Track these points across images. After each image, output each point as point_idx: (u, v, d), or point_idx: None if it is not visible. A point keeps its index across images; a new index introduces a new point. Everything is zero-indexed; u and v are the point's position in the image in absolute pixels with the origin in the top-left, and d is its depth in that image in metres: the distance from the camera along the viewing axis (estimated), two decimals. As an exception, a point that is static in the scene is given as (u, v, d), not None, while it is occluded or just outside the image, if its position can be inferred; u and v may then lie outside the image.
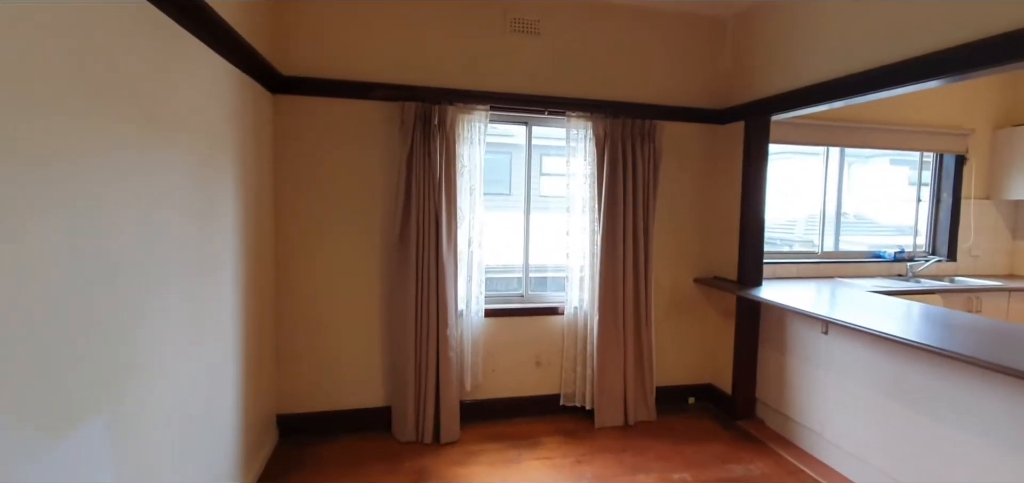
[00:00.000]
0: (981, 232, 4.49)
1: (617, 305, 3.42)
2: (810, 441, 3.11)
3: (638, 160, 3.42)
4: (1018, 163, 4.27)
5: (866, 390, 2.73)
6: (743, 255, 3.52)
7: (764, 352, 3.51)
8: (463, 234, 3.26)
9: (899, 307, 2.98)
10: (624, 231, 3.42)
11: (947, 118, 4.32)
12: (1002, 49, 2.04)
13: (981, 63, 2.15)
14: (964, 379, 2.28)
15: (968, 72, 2.24)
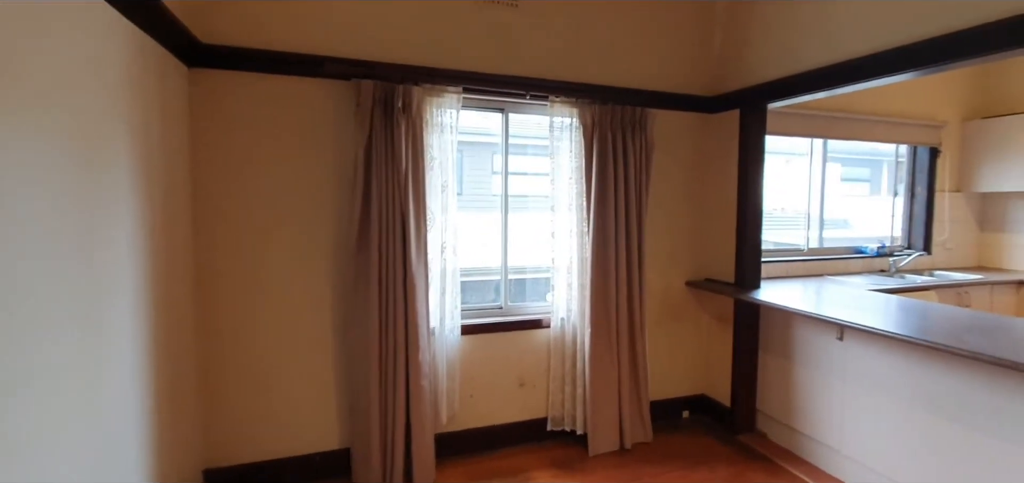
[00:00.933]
0: (954, 225, 4.47)
1: (609, 314, 3.03)
2: (825, 457, 2.84)
3: (629, 152, 3.05)
4: (986, 156, 4.26)
5: (892, 401, 2.48)
6: (741, 255, 3.23)
7: (765, 360, 3.23)
8: (434, 239, 2.76)
9: (914, 307, 2.77)
10: (616, 231, 3.03)
11: (920, 110, 4.25)
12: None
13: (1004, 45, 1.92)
14: (1009, 385, 2.04)
15: (987, 55, 2.01)
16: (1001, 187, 4.20)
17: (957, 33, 2.11)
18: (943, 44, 2.16)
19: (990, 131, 4.22)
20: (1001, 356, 1.89)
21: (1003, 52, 2.03)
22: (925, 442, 2.34)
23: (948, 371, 2.25)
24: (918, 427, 2.37)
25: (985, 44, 2.04)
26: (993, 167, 4.23)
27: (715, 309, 3.47)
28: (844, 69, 2.58)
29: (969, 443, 2.18)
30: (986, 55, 2.10)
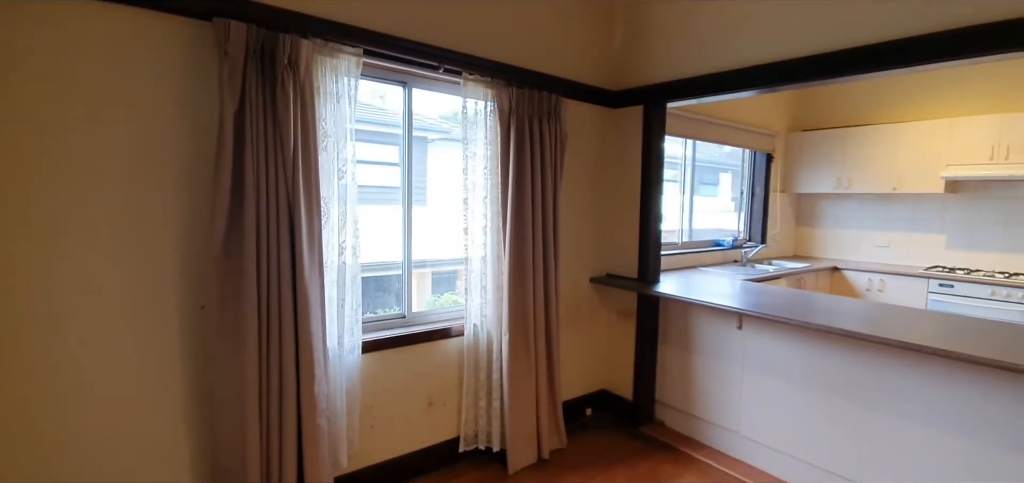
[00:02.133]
0: (781, 221, 5.23)
1: (527, 317, 2.79)
2: (725, 440, 3.00)
3: (546, 142, 2.83)
4: (803, 162, 5.06)
5: (786, 382, 2.69)
6: (644, 250, 3.26)
7: (665, 351, 3.32)
8: (330, 237, 2.19)
9: (798, 296, 3.06)
10: (533, 227, 2.79)
11: (760, 120, 4.85)
12: (946, 45, 2.06)
13: (913, 60, 2.17)
14: (888, 363, 2.32)
15: (891, 69, 2.25)
16: (813, 189, 5.03)
17: (838, 52, 2.34)
18: (827, 60, 2.37)
19: (806, 142, 5.02)
20: (886, 336, 2.11)
21: (886, 70, 2.28)
22: (816, 417, 2.57)
23: (835, 352, 2.49)
24: (809, 404, 2.60)
25: (855, 65, 2.30)
26: (807, 172, 5.04)
27: (617, 304, 3.47)
28: (745, 75, 2.70)
29: (854, 414, 2.44)
30: (859, 73, 2.36)
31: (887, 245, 4.78)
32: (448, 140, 2.96)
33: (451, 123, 3.16)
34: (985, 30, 1.96)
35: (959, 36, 2.02)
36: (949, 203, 4.38)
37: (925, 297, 4.07)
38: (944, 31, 2.06)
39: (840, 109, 4.97)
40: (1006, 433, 2.02)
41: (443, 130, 2.75)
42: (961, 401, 2.12)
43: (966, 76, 4.22)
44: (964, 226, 4.33)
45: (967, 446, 2.11)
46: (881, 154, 4.50)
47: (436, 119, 2.78)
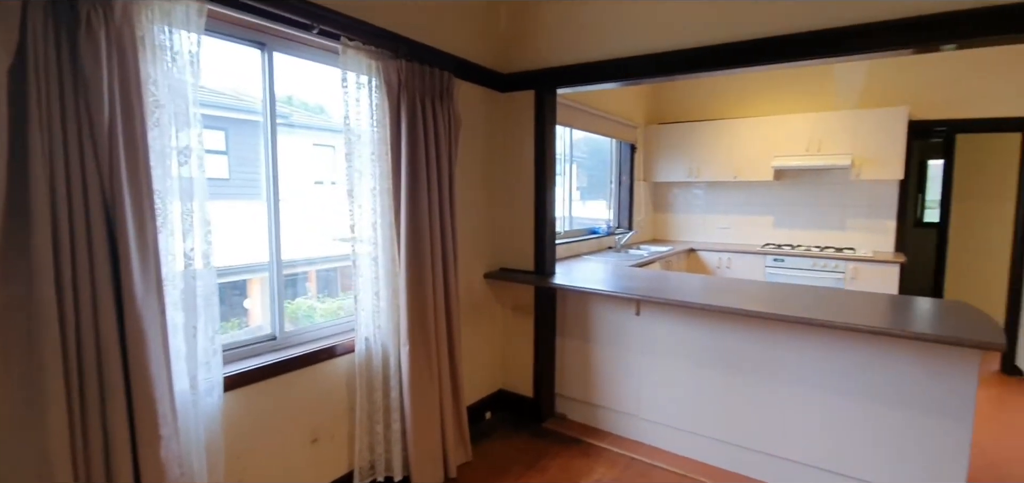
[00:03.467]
0: (643, 207, 5.60)
1: (428, 323, 2.47)
2: (626, 424, 3.03)
3: (440, 125, 2.52)
4: (660, 153, 5.46)
5: (682, 362, 2.79)
6: (540, 242, 3.15)
7: (564, 343, 3.25)
8: (171, 245, 1.63)
9: (685, 279, 3.21)
10: (431, 221, 2.48)
11: (626, 112, 5.11)
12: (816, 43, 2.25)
13: (796, 55, 2.33)
14: (771, 336, 2.52)
15: (781, 62, 2.41)
16: (668, 178, 5.46)
17: (712, 46, 2.47)
18: (724, 52, 2.47)
19: (662, 134, 5.42)
20: (775, 312, 2.28)
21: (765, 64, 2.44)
22: (710, 392, 2.71)
23: (725, 330, 2.64)
24: (704, 380, 2.73)
25: (722, 60, 2.45)
26: (663, 162, 5.46)
27: (513, 300, 3.31)
28: (631, 63, 2.70)
29: (744, 386, 2.61)
30: (725, 68, 2.51)
31: (729, 227, 5.40)
32: (291, 126, 2.49)
33: (300, 109, 2.67)
34: (827, 35, 2.17)
35: (807, 38, 2.23)
36: (775, 189, 5.09)
37: (763, 270, 4.67)
38: (791, 34, 2.25)
39: (690, 105, 5.46)
40: (865, 385, 2.29)
41: (283, 115, 2.29)
42: (829, 361, 2.37)
43: (789, 79, 4.92)
44: (787, 208, 5.07)
45: (839, 401, 2.36)
46: (724, 146, 5.05)
47: (282, 98, 2.29)
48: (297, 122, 2.62)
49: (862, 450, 2.32)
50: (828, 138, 4.52)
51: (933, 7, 1.99)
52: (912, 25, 2.04)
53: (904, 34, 2.06)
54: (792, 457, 2.50)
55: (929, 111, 4.33)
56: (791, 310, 2.32)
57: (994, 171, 4.74)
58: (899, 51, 2.17)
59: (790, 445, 2.50)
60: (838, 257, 4.34)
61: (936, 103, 4.32)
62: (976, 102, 4.19)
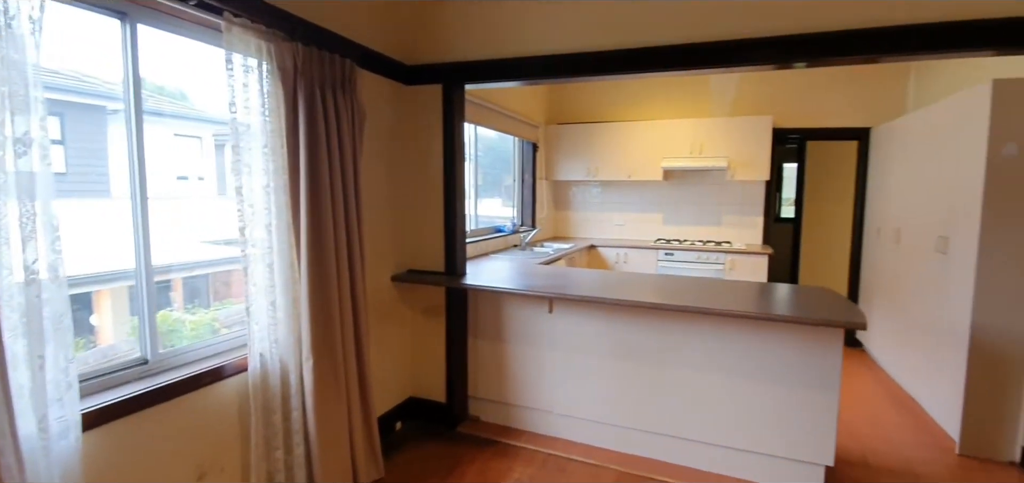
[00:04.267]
0: (545, 205, 5.72)
1: (334, 333, 2.26)
2: (541, 422, 3.05)
3: (342, 116, 2.33)
4: (560, 153, 5.63)
5: (593, 356, 2.87)
6: (450, 241, 3.06)
7: (476, 345, 3.19)
8: (5, 255, 1.30)
9: (597, 276, 3.30)
10: (335, 221, 2.28)
11: (528, 111, 5.18)
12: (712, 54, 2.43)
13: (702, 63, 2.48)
14: (672, 325, 2.68)
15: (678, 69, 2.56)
16: (568, 177, 5.64)
17: (620, 51, 2.57)
18: (610, 57, 2.58)
19: (562, 134, 5.59)
20: (680, 304, 2.44)
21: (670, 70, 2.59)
22: (619, 382, 2.82)
23: (632, 322, 2.76)
24: (613, 372, 2.83)
25: (626, 64, 2.56)
26: (564, 161, 5.62)
27: (422, 302, 3.17)
28: (540, 62, 2.72)
29: (650, 374, 2.75)
30: (629, 73, 2.62)
31: (623, 224, 5.71)
32: (159, 115, 2.17)
33: (153, 94, 2.35)
34: (719, 46, 2.37)
35: (688, 49, 2.42)
36: (664, 188, 5.48)
37: (656, 264, 5.00)
38: (691, 43, 2.42)
39: (587, 107, 5.69)
40: (752, 365, 2.53)
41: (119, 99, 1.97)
42: (721, 346, 2.58)
43: (675, 87, 5.32)
44: (674, 206, 5.48)
45: (731, 381, 2.58)
46: (619, 147, 5.32)
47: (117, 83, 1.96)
48: (166, 111, 2.27)
49: (751, 424, 2.55)
50: (708, 142, 4.96)
51: (787, 28, 2.26)
52: (771, 44, 2.29)
53: (764, 51, 2.32)
54: (692, 437, 2.68)
55: (786, 120, 4.93)
56: (692, 301, 2.48)
57: (838, 174, 5.54)
58: (761, 66, 2.42)
59: (690, 426, 2.68)
60: (718, 250, 4.79)
61: (791, 113, 4.94)
62: (823, 114, 4.86)
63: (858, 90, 4.72)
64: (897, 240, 3.91)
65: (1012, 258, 2.69)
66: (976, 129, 2.80)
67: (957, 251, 2.98)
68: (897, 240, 3.91)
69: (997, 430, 2.79)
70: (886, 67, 4.62)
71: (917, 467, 2.74)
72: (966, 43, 2.07)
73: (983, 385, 2.79)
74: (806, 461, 2.48)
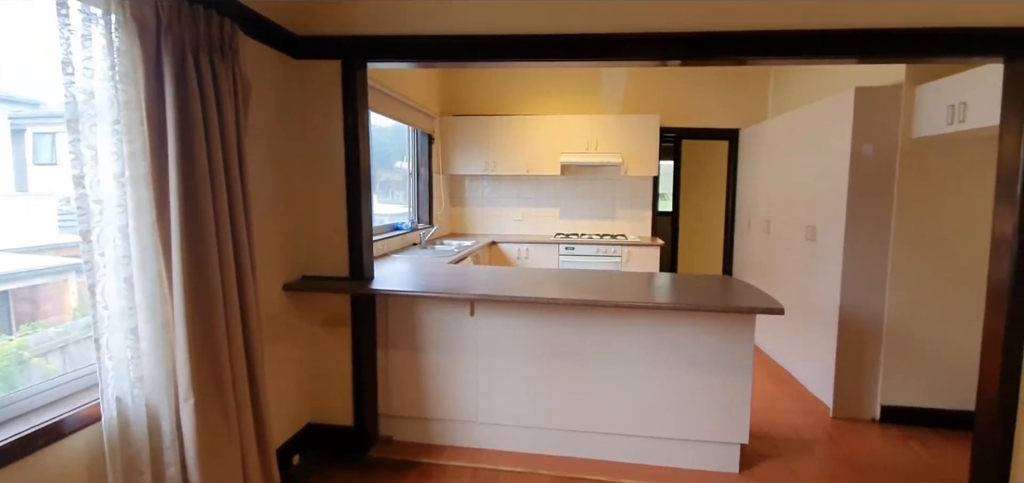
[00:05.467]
0: (441, 201, 5.44)
1: (220, 362, 1.80)
2: (464, 433, 2.82)
3: (223, 89, 1.87)
4: (457, 145, 5.39)
5: (519, 358, 2.71)
6: (355, 242, 2.68)
7: (388, 357, 2.85)
8: None
9: (517, 275, 3.14)
10: (218, 221, 1.82)
11: (423, 99, 4.87)
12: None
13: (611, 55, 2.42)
14: (594, 321, 2.63)
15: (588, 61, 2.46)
16: (465, 171, 5.43)
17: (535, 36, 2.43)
18: (522, 42, 2.43)
19: (458, 126, 5.35)
20: (607, 300, 2.40)
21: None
22: (546, 383, 2.70)
23: (557, 320, 2.65)
24: (540, 373, 2.70)
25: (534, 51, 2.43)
26: (460, 155, 5.40)
27: (322, 313, 2.75)
28: (449, 43, 2.48)
29: (576, 373, 2.66)
30: (537, 60, 2.48)
31: (522, 218, 5.67)
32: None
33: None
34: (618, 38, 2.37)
35: (611, 40, 2.37)
36: (561, 183, 5.54)
37: (557, 258, 5.03)
38: (597, 33, 2.37)
39: (484, 98, 5.52)
40: (673, 355, 2.58)
41: None
42: (644, 339, 2.59)
43: (571, 82, 5.39)
44: (570, 200, 5.57)
45: (654, 372, 2.60)
46: (517, 141, 5.25)
47: None
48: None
49: (675, 411, 2.60)
50: (603, 139, 5.11)
51: (663, 27, 2.33)
52: (651, 41, 2.34)
53: (645, 47, 2.35)
54: (620, 430, 2.67)
55: (670, 120, 5.27)
56: (623, 297, 2.45)
57: (711, 170, 6.08)
58: (642, 61, 2.45)
59: (618, 420, 2.66)
60: (615, 243, 4.95)
61: (673, 114, 5.29)
62: (699, 115, 5.28)
63: (728, 94, 5.20)
64: (767, 230, 4.37)
65: (870, 243, 3.11)
66: (841, 130, 3.17)
67: (825, 239, 3.37)
68: (767, 230, 4.37)
69: (861, 394, 3.21)
70: (751, 74, 5.15)
71: (803, 433, 3.04)
72: (830, 50, 2.25)
73: (849, 356, 3.20)
74: (725, 441, 2.60)
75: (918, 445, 2.92)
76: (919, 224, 3.03)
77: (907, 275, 3.06)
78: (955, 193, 2.99)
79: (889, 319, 3.11)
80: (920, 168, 3.01)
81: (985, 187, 2.97)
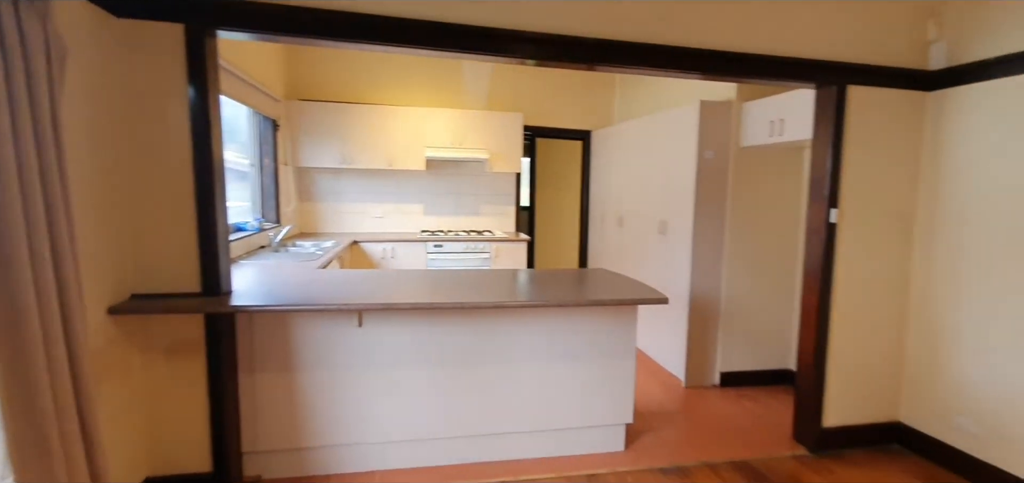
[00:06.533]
0: (288, 196, 4.83)
1: (44, 417, 1.31)
2: (351, 458, 2.52)
3: (31, 50, 1.36)
4: (308, 135, 4.84)
5: (412, 369, 2.53)
6: (208, 249, 2.21)
7: (255, 383, 2.41)
8: None
9: (405, 278, 2.90)
10: (31, 225, 1.32)
11: (265, 78, 4.25)
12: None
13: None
14: (487, 322, 2.58)
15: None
16: (318, 163, 4.90)
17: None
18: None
19: (309, 113, 4.80)
20: (504, 301, 2.39)
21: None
22: (441, 392, 2.56)
23: (449, 325, 2.54)
24: (434, 382, 2.55)
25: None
26: (312, 145, 4.85)
27: (164, 339, 2.20)
28: (324, 17, 2.19)
29: (471, 376, 2.58)
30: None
31: (383, 215, 5.33)
32: None
33: None
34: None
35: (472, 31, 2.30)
36: (425, 178, 5.35)
37: (425, 257, 4.85)
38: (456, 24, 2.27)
39: (339, 83, 5.04)
40: (563, 349, 2.66)
41: None
42: (535, 336, 2.62)
43: (434, 74, 5.21)
44: (434, 196, 5.41)
45: (549, 367, 2.66)
46: (378, 133, 4.91)
47: None
48: None
49: (567, 403, 2.69)
50: (469, 134, 5.06)
51: (520, 25, 2.31)
52: (488, 35, 2.30)
53: (498, 43, 2.31)
54: (515, 429, 2.66)
55: (532, 119, 5.46)
56: (515, 297, 2.46)
57: (566, 168, 6.46)
58: (499, 57, 2.41)
59: (513, 419, 2.65)
60: (484, 240, 4.96)
61: (535, 113, 5.50)
62: (557, 115, 5.57)
63: (581, 98, 5.59)
64: (620, 224, 4.81)
65: (711, 234, 3.62)
66: (688, 137, 3.62)
67: (675, 231, 3.83)
68: (620, 224, 4.81)
69: (705, 365, 3.73)
70: (600, 80, 5.60)
71: (666, 405, 3.42)
72: (677, 65, 2.49)
73: (697, 334, 3.69)
74: (613, 423, 2.77)
75: (750, 402, 3.50)
76: (746, 217, 3.62)
77: (737, 260, 3.64)
78: (773, 192, 3.64)
79: (724, 299, 3.66)
80: (747, 171, 3.59)
81: (796, 187, 3.67)
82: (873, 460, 2.81)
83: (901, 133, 2.80)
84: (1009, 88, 2.41)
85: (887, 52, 2.73)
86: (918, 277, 2.85)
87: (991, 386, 2.49)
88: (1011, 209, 2.41)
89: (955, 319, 2.65)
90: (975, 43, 2.56)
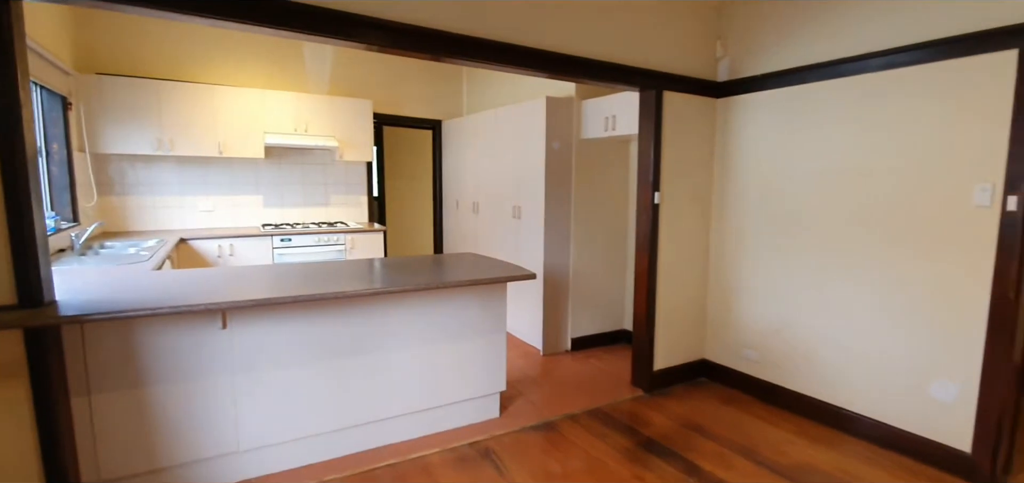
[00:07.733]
0: (82, 188, 4.02)
1: None
2: (221, 471, 2.31)
3: None
4: (110, 116, 4.06)
5: (288, 367, 2.41)
6: (22, 251, 1.83)
7: (95, 404, 2.05)
8: None
9: (261, 273, 2.69)
10: None
11: (53, 46, 3.48)
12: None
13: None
14: (363, 311, 2.59)
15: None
16: (126, 149, 4.14)
17: None
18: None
19: (111, 89, 4.02)
20: (376, 288, 2.46)
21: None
22: (321, 386, 2.50)
23: (325, 317, 2.49)
24: (312, 377, 2.47)
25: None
26: (117, 128, 4.08)
27: (-42, 366, 1.75)
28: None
29: (350, 367, 2.56)
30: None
31: (213, 209, 4.74)
32: None
33: None
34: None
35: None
36: (264, 167, 4.89)
37: (271, 252, 4.47)
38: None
39: (153, 56, 4.31)
40: (441, 329, 2.81)
41: None
42: (412, 320, 2.73)
43: (273, 53, 4.77)
44: (276, 186, 4.99)
45: (428, 348, 2.77)
46: (204, 116, 4.34)
47: None
48: None
49: (448, 379, 2.85)
50: (314, 120, 4.79)
51: (364, 10, 2.23)
52: (335, 18, 2.19)
53: (334, 25, 2.19)
54: (400, 411, 2.73)
55: (381, 107, 5.38)
56: (388, 284, 2.50)
57: (416, 157, 6.46)
58: (341, 41, 2.28)
59: (397, 402, 2.71)
60: (337, 231, 4.76)
61: (383, 101, 5.42)
62: (406, 104, 5.57)
63: (430, 88, 5.68)
64: (475, 210, 5.07)
65: (560, 216, 4.07)
66: (537, 129, 4.01)
67: (528, 215, 4.20)
68: (475, 210, 5.07)
69: (558, 333, 4.20)
70: (448, 72, 5.75)
71: (528, 372, 3.78)
72: (523, 63, 2.73)
73: (551, 306, 4.13)
74: (489, 394, 3.01)
75: (595, 360, 4.06)
76: (587, 201, 4.15)
77: (580, 238, 4.16)
78: (609, 178, 4.23)
79: (572, 273, 4.16)
80: (587, 160, 4.12)
81: (626, 174, 4.31)
82: (690, 391, 3.53)
83: (701, 131, 3.53)
84: (768, 98, 3.24)
85: (690, 65, 3.41)
86: (714, 243, 3.65)
87: (762, 322, 3.34)
88: (764, 189, 3.25)
89: (738, 274, 3.48)
90: (748, 62, 3.36)
